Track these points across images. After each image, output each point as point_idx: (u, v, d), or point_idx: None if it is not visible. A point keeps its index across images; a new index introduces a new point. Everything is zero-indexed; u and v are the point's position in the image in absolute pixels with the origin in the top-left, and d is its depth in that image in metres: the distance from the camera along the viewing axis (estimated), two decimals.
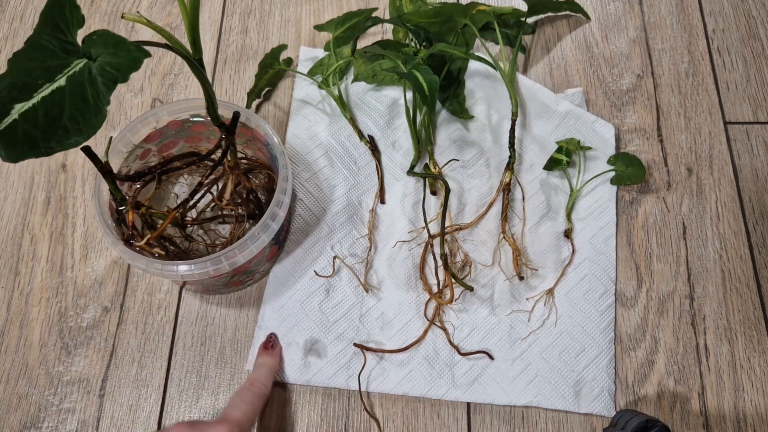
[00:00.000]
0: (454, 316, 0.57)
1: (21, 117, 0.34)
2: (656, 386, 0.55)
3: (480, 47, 0.68)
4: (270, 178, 0.57)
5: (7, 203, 0.62)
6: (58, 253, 0.60)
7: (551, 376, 0.55)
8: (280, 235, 0.56)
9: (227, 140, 0.50)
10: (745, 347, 0.56)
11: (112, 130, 0.66)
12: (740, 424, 0.54)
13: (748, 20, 0.71)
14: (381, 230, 0.60)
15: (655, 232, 0.61)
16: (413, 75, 0.54)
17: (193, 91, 0.67)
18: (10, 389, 0.55)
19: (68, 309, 0.58)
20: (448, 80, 0.65)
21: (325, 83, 0.63)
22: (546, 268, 0.59)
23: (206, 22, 0.71)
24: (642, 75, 0.68)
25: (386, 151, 0.63)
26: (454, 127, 0.64)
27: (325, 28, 0.66)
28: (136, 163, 0.55)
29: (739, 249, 0.60)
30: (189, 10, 0.40)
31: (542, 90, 0.65)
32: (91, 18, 0.72)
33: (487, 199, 0.61)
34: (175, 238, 0.55)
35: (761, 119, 0.66)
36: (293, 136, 0.64)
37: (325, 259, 0.58)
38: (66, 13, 0.35)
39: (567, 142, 0.61)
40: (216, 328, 0.57)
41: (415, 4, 0.67)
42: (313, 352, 0.55)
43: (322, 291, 0.57)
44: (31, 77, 0.35)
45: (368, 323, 0.57)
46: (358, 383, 0.54)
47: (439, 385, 0.54)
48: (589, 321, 0.57)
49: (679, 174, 0.63)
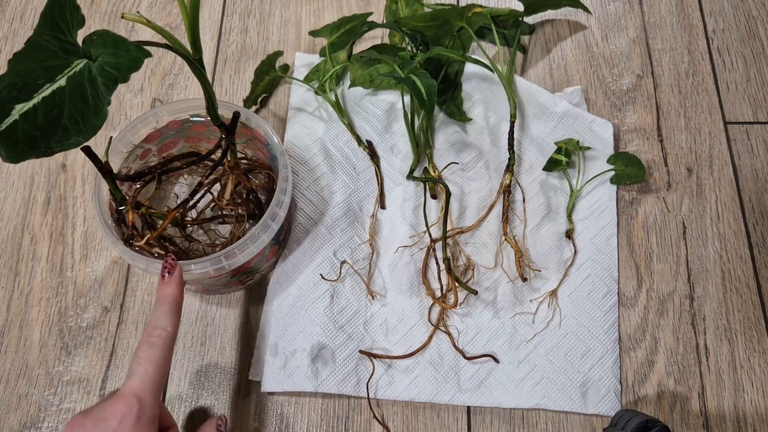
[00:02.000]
0: (458, 320, 0.57)
1: (21, 117, 0.34)
2: (656, 386, 0.55)
3: (477, 49, 0.68)
4: (270, 178, 0.57)
5: (7, 203, 0.62)
6: (58, 253, 0.60)
7: (557, 377, 0.55)
8: (280, 235, 0.56)
9: (227, 140, 0.50)
10: (745, 347, 0.56)
11: (112, 130, 0.66)
12: (740, 424, 0.54)
13: (748, 20, 0.71)
14: (382, 236, 0.60)
15: (655, 232, 0.61)
16: (411, 79, 0.54)
17: (193, 91, 0.68)
18: (10, 389, 0.55)
19: (68, 309, 0.58)
20: (445, 83, 0.65)
21: (321, 89, 0.63)
22: (548, 270, 0.59)
23: (206, 22, 0.71)
24: (642, 75, 0.68)
25: (385, 156, 0.63)
26: (452, 130, 0.64)
27: (320, 33, 0.66)
28: (136, 163, 0.55)
29: (739, 249, 0.60)
30: (189, 10, 0.40)
31: (539, 91, 0.65)
32: (91, 18, 0.72)
33: (488, 201, 0.61)
34: (175, 238, 0.55)
35: (761, 119, 0.66)
36: (290, 143, 0.64)
37: (327, 265, 0.58)
38: (66, 13, 0.35)
39: (566, 142, 0.61)
40: (216, 328, 0.57)
41: (411, 7, 0.67)
42: (320, 358, 0.55)
43: (327, 296, 0.57)
44: (31, 77, 0.35)
45: (372, 329, 0.57)
46: (367, 391, 0.54)
47: (445, 390, 0.54)
48: (593, 321, 0.57)
49: (679, 174, 0.63)
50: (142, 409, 0.39)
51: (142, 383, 0.40)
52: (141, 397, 0.39)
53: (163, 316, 0.43)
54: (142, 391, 0.40)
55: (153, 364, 0.41)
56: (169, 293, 0.44)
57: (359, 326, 0.56)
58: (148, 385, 0.40)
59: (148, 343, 0.42)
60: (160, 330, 0.42)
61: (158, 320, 0.43)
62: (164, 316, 0.43)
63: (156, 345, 0.42)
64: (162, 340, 0.42)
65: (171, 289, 0.44)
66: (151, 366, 0.41)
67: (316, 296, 0.57)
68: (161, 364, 0.41)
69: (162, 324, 0.43)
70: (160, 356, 0.41)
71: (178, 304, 0.44)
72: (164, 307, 0.43)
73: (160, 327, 0.42)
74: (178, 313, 0.44)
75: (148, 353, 0.41)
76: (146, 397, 0.40)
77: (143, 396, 0.40)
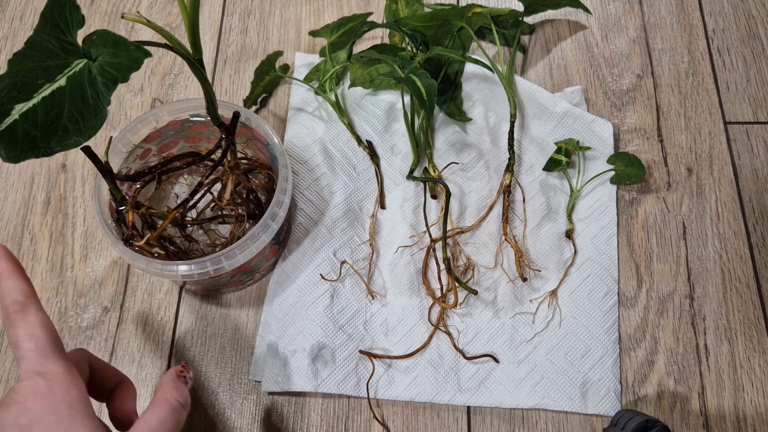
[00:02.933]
0: (458, 320, 0.57)
1: (21, 117, 0.34)
2: (656, 386, 0.55)
3: (477, 49, 0.68)
4: (270, 178, 0.57)
5: (7, 203, 0.62)
6: (58, 253, 0.60)
7: (557, 377, 0.55)
8: (280, 235, 0.56)
9: (227, 140, 0.50)
10: (745, 347, 0.56)
11: (112, 130, 0.66)
12: (740, 424, 0.54)
13: (748, 20, 0.71)
14: (382, 236, 0.60)
15: (655, 232, 0.61)
16: (411, 80, 0.54)
17: (193, 91, 0.67)
18: (10, 389, 0.55)
19: (68, 309, 0.58)
20: (445, 83, 0.65)
21: (321, 89, 0.63)
22: (548, 270, 0.59)
23: (206, 22, 0.71)
24: (642, 75, 0.68)
25: (385, 156, 0.63)
26: (452, 130, 0.64)
27: (320, 33, 0.66)
28: (136, 163, 0.55)
29: (739, 249, 0.60)
30: (189, 10, 0.40)
31: (539, 91, 0.65)
32: (91, 18, 0.72)
33: (488, 201, 0.61)
34: (175, 238, 0.55)
35: (761, 119, 0.66)
36: (290, 143, 0.64)
37: (327, 265, 0.58)
38: (66, 13, 0.35)
39: (566, 142, 0.61)
40: (216, 328, 0.57)
41: (411, 8, 0.67)
42: (320, 358, 0.55)
43: (327, 296, 0.57)
44: (31, 77, 0.35)
45: (372, 329, 0.57)
46: (367, 391, 0.54)
47: (445, 390, 0.54)
48: (593, 321, 0.57)
49: (679, 174, 0.63)
50: (50, 380, 0.34)
51: (33, 359, 0.35)
52: (41, 371, 0.34)
53: (7, 289, 0.36)
54: (39, 365, 0.34)
55: (32, 338, 0.35)
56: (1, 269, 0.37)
57: (359, 326, 0.56)
58: (42, 357, 0.35)
59: (12, 324, 0.35)
60: (14, 304, 0.36)
61: (5, 297, 0.36)
62: (8, 289, 0.37)
63: (19, 319, 0.35)
64: (21, 312, 0.36)
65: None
66: (30, 341, 0.35)
67: (316, 296, 0.57)
68: (40, 330, 0.35)
69: (12, 298, 0.36)
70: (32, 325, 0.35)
71: (16, 271, 0.37)
72: (2, 282, 0.37)
73: (11, 302, 0.36)
74: (22, 277, 0.37)
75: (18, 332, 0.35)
76: (48, 367, 0.35)
77: (43, 369, 0.34)
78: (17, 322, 0.36)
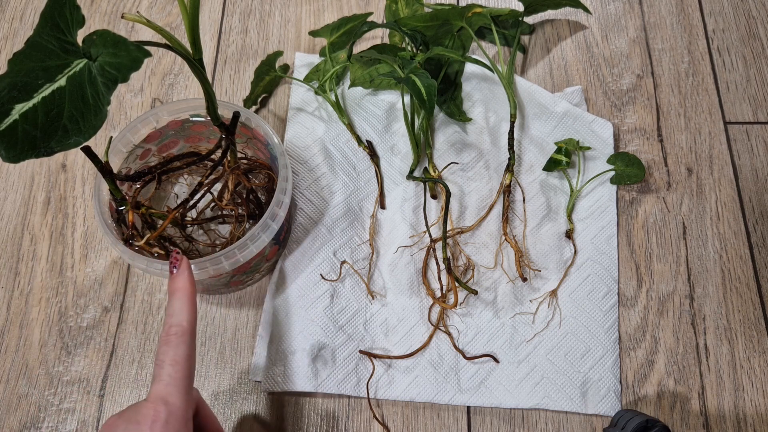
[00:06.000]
0: (458, 320, 0.57)
1: (21, 117, 0.34)
2: (656, 386, 0.55)
3: (477, 49, 0.68)
4: (270, 178, 0.57)
5: (7, 203, 0.62)
6: (58, 253, 0.60)
7: (557, 377, 0.55)
8: (280, 235, 0.56)
9: (227, 140, 0.50)
10: (745, 347, 0.56)
11: (112, 130, 0.66)
12: (740, 424, 0.54)
13: (748, 20, 0.71)
14: (382, 236, 0.60)
15: (655, 232, 0.61)
16: (411, 80, 0.54)
17: (193, 91, 0.68)
18: (10, 389, 0.55)
19: (68, 309, 0.58)
20: (445, 83, 0.65)
21: (321, 89, 0.63)
22: (548, 270, 0.59)
23: (206, 22, 0.71)
24: (642, 75, 0.68)
25: (385, 156, 0.63)
26: (452, 130, 0.64)
27: (320, 33, 0.66)
28: (136, 163, 0.55)
29: (739, 249, 0.60)
30: (189, 10, 0.40)
31: (539, 91, 0.65)
32: (91, 18, 0.72)
33: (488, 201, 0.61)
34: (175, 238, 0.55)
35: (761, 119, 0.66)
36: (290, 143, 0.64)
37: (327, 265, 0.58)
38: (66, 13, 0.35)
39: (566, 142, 0.61)
40: (216, 328, 0.57)
41: (411, 7, 0.67)
42: (320, 358, 0.55)
43: (327, 296, 0.57)
44: (31, 77, 0.35)
45: (372, 329, 0.57)
46: (367, 391, 0.54)
47: (445, 390, 0.54)
48: (593, 321, 0.57)
49: (679, 174, 0.63)
50: (171, 413, 0.38)
51: (167, 386, 0.38)
52: (168, 401, 0.38)
53: (178, 311, 0.41)
54: (168, 394, 0.38)
55: (175, 365, 0.39)
56: (180, 287, 0.42)
57: (359, 326, 0.56)
58: (173, 388, 0.38)
59: (167, 343, 0.40)
60: (177, 327, 0.40)
61: (173, 317, 0.40)
62: (179, 311, 0.41)
63: (174, 343, 0.39)
64: (179, 337, 0.40)
65: (181, 282, 0.42)
66: (173, 367, 0.39)
67: (316, 296, 0.57)
68: (183, 362, 0.39)
69: (177, 320, 0.40)
70: (180, 354, 0.39)
71: (191, 296, 0.42)
72: (177, 302, 0.41)
73: (176, 324, 0.40)
74: (193, 306, 0.41)
75: (168, 354, 0.39)
76: (173, 399, 0.38)
77: (170, 399, 0.38)
78: (172, 344, 0.40)
